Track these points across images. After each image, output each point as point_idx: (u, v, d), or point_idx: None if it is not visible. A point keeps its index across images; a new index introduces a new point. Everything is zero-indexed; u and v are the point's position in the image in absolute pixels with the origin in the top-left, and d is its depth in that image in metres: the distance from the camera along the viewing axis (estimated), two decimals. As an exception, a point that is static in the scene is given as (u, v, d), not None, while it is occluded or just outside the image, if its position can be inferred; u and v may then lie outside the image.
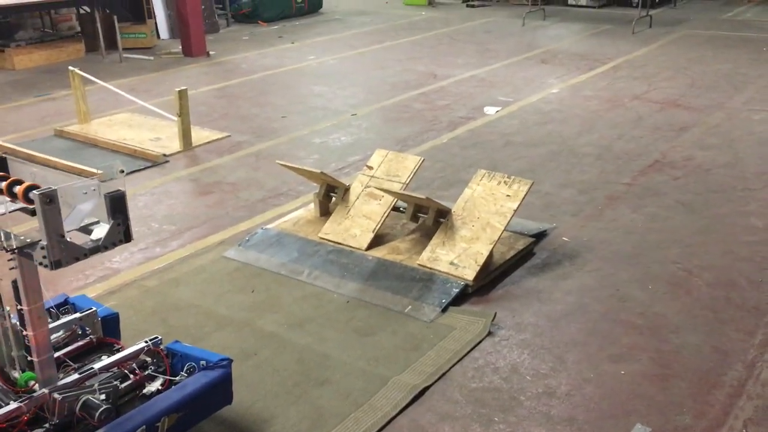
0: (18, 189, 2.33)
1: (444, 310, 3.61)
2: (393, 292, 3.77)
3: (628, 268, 4.03)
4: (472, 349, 3.31)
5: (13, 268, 2.34)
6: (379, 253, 4.13)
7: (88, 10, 10.21)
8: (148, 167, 5.86)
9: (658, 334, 3.40)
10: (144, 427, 2.41)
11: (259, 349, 3.34)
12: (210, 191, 5.34)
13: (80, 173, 5.68)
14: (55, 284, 3.99)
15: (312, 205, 4.72)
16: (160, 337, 2.82)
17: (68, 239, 2.26)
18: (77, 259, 2.29)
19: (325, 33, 12.02)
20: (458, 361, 3.22)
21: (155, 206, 5.08)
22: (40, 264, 2.25)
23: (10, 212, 2.43)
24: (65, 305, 2.98)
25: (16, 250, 2.30)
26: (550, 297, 3.76)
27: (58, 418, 2.45)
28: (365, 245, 4.18)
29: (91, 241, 2.33)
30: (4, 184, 2.36)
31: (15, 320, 2.51)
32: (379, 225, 4.25)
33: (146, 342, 2.76)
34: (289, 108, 7.50)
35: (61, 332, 2.80)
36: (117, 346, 2.89)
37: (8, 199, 2.43)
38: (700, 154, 5.82)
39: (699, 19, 12.55)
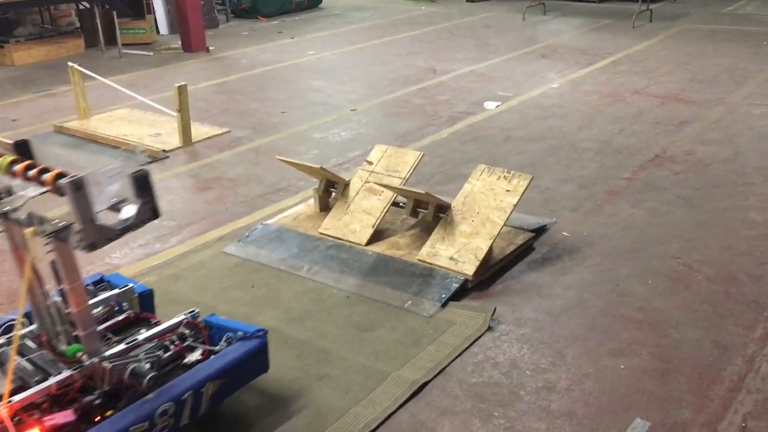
0: (47, 177, 2.38)
1: (444, 305, 3.61)
2: (393, 288, 3.77)
3: (627, 263, 4.02)
4: (471, 344, 3.31)
5: (50, 251, 2.42)
6: (378, 248, 4.13)
7: (88, 5, 10.20)
8: (148, 163, 5.85)
9: (658, 329, 3.40)
10: (191, 392, 2.55)
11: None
12: (209, 187, 5.34)
13: (80, 169, 5.67)
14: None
15: (311, 201, 4.72)
16: (197, 310, 2.95)
17: (100, 222, 2.35)
18: (110, 240, 2.38)
19: (324, 28, 12.00)
20: (458, 356, 3.22)
21: (155, 202, 5.07)
22: (76, 248, 2.35)
23: (40, 194, 2.49)
24: (101, 282, 3.10)
25: (51, 235, 2.38)
26: (549, 292, 3.76)
27: (107, 385, 2.57)
28: (365, 240, 4.18)
29: (122, 220, 2.41)
30: (33, 171, 2.40)
31: (57, 297, 2.64)
32: (378, 220, 4.25)
33: (185, 315, 2.90)
34: (288, 103, 7.49)
35: (99, 308, 2.92)
36: (154, 321, 2.98)
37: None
38: (701, 148, 5.81)
39: (699, 13, 12.52)
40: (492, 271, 3.92)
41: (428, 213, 4.14)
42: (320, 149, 6.07)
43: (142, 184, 2.42)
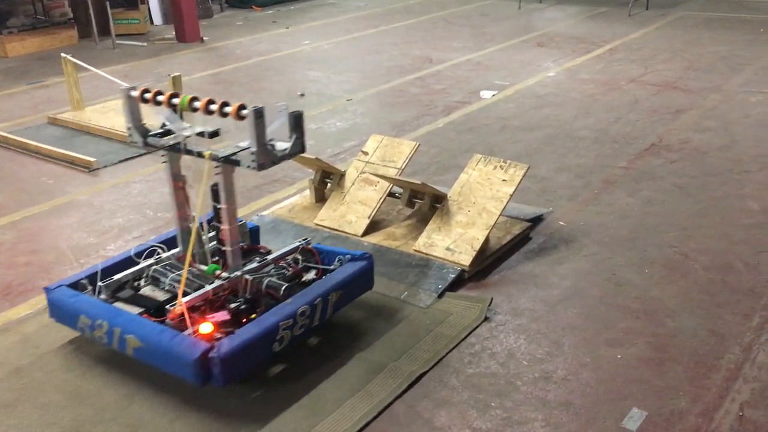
0: (231, 108, 2.88)
1: (440, 295, 3.60)
2: (389, 278, 3.76)
3: (624, 252, 4.02)
4: (468, 334, 3.30)
5: (218, 174, 2.98)
6: (374, 239, 4.11)
7: (80, -5, 10.12)
8: (142, 154, 5.82)
9: (655, 318, 3.40)
10: (320, 298, 3.09)
11: (254, 336, 3.33)
12: (205, 178, 5.31)
13: (73, 161, 5.65)
14: (50, 272, 3.97)
15: (307, 192, 4.70)
16: (309, 238, 3.54)
17: (269, 146, 2.89)
18: (274, 163, 2.94)
19: (319, 17, 11.93)
20: (455, 347, 3.22)
21: (150, 194, 5.05)
22: (248, 167, 2.89)
23: (194, 134, 3.03)
24: (211, 221, 3.39)
25: (222, 159, 2.93)
26: (546, 282, 3.75)
27: (249, 294, 3.12)
28: (361, 231, 4.16)
29: (280, 150, 2.94)
30: (215, 105, 2.92)
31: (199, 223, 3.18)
32: (374, 211, 4.23)
33: (299, 242, 3.45)
34: (284, 94, 7.45)
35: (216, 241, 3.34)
36: (264, 250, 3.49)
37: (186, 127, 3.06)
38: (697, 137, 5.79)
39: (695, 0, 12.47)
40: (488, 262, 3.91)
41: (424, 203, 4.12)
42: (316, 139, 6.03)
43: (298, 122, 2.97)
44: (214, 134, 3.00)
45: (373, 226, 4.22)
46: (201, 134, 3.01)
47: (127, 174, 5.42)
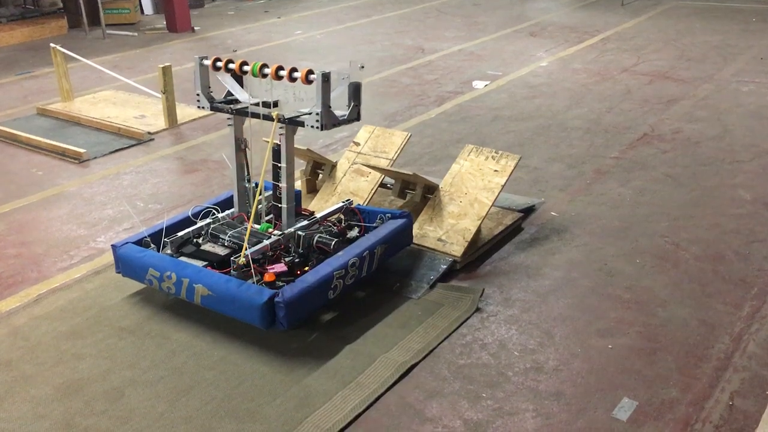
0: (300, 73, 3.18)
1: (432, 286, 3.60)
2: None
3: (616, 243, 4.02)
4: (459, 325, 3.30)
5: (282, 134, 3.31)
6: (366, 230, 4.10)
7: (70, -15, 10.03)
8: (133, 145, 5.79)
9: (646, 308, 3.40)
10: (368, 251, 3.38)
11: (245, 326, 3.32)
12: (196, 169, 5.29)
13: (63, 152, 5.61)
14: (40, 264, 3.95)
15: (299, 183, 4.67)
16: (351, 200, 3.85)
17: (331, 110, 3.17)
18: (335, 126, 3.23)
19: (311, 7, 11.87)
20: (446, 338, 3.21)
21: (140, 185, 5.02)
22: (312, 127, 3.20)
23: (261, 102, 3.37)
24: (255, 187, 3.66)
25: (287, 120, 3.25)
26: (538, 272, 3.75)
27: (301, 249, 3.42)
28: (352, 222, 4.15)
29: (340, 115, 3.23)
30: (285, 71, 3.22)
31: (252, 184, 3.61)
32: (366, 202, 4.22)
33: (343, 203, 3.79)
34: (275, 84, 7.41)
35: (265, 203, 3.66)
36: (307, 213, 3.75)
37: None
38: (689, 126, 5.80)
39: (688, -10, 12.45)
40: (480, 252, 3.91)
41: (416, 194, 4.11)
42: (307, 130, 6.00)
43: (356, 91, 3.24)
44: (275, 104, 3.39)
45: (365, 217, 4.20)
46: (266, 104, 3.36)
47: (118, 165, 5.39)
